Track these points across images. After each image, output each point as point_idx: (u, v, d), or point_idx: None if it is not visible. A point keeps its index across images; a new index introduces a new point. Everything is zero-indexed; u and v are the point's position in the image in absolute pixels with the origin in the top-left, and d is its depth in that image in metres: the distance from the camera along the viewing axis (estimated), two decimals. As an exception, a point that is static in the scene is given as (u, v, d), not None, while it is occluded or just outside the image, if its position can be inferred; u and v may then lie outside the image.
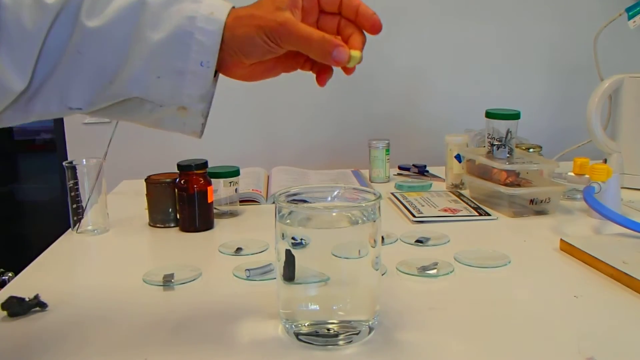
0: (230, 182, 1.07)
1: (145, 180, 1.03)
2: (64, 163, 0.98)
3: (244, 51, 0.55)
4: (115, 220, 1.04)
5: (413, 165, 1.44)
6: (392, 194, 1.20)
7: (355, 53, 0.55)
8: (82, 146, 1.78)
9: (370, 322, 0.60)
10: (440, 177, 1.36)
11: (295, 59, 0.59)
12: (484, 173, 1.12)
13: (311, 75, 0.61)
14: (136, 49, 0.54)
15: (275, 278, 0.61)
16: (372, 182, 1.36)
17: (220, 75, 0.58)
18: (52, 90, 0.55)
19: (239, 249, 0.88)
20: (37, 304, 0.68)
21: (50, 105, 0.56)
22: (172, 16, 0.54)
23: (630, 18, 1.26)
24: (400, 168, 1.45)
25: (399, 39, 1.69)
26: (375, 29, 0.56)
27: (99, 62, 0.54)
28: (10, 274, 0.91)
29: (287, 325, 0.60)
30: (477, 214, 1.05)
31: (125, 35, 0.54)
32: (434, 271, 0.77)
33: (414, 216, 1.03)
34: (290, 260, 0.57)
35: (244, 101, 1.72)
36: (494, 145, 1.11)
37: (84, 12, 0.54)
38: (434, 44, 1.71)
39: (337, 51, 0.53)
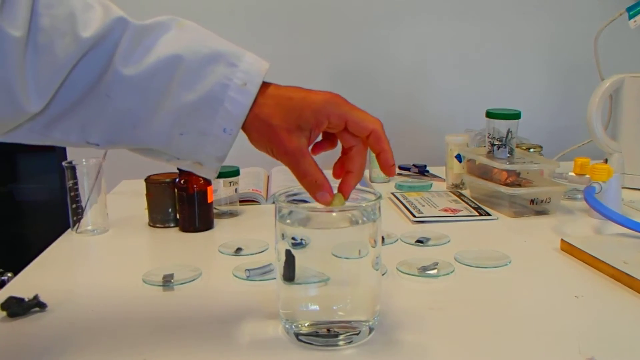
0: (230, 182, 1.07)
1: (145, 180, 1.03)
2: (63, 163, 0.98)
3: (252, 140, 0.58)
4: (115, 220, 1.04)
5: (413, 165, 1.44)
6: (393, 194, 1.19)
7: (339, 199, 0.58)
8: (82, 146, 1.77)
9: (370, 323, 0.60)
10: (440, 177, 1.36)
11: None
12: (484, 173, 1.12)
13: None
14: (165, 104, 0.55)
15: (275, 278, 0.61)
16: (372, 182, 1.36)
17: None
18: (73, 122, 0.56)
19: (239, 249, 0.88)
20: (36, 304, 0.68)
21: (69, 135, 0.56)
22: (206, 78, 0.54)
23: (630, 18, 1.26)
24: (400, 168, 1.45)
25: (399, 39, 1.69)
26: (388, 174, 0.59)
27: (126, 108, 0.55)
28: (9, 274, 0.91)
29: (287, 326, 0.60)
30: (477, 214, 1.05)
31: (158, 88, 0.55)
32: (434, 271, 0.77)
33: (414, 216, 1.03)
34: (290, 260, 0.57)
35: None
36: (495, 145, 1.11)
37: (119, 56, 0.54)
38: (434, 44, 1.71)
39: (321, 195, 0.57)
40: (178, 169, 0.98)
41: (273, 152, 0.57)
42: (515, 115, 1.10)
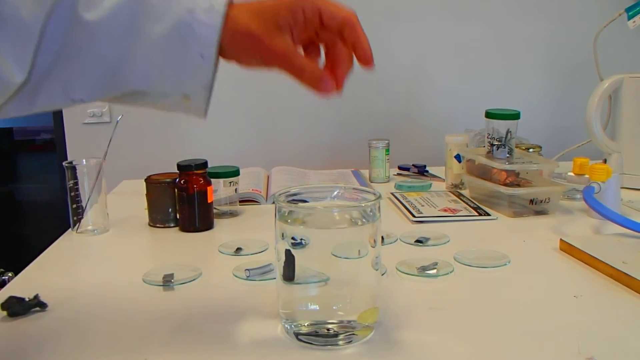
0: (230, 182, 1.07)
1: (145, 180, 1.03)
2: (63, 163, 0.98)
3: (240, 60, 0.57)
4: (115, 220, 1.04)
5: (413, 165, 1.44)
6: (392, 194, 1.20)
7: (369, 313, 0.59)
8: (82, 146, 1.78)
9: (370, 322, 0.60)
10: (440, 177, 1.36)
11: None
12: (483, 173, 1.12)
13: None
14: (137, 43, 0.54)
15: (275, 278, 0.61)
16: (372, 182, 1.36)
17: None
18: (55, 82, 0.55)
19: (239, 249, 0.88)
20: (37, 304, 0.68)
21: (54, 97, 0.55)
22: (172, 8, 0.54)
23: (630, 18, 1.26)
24: (400, 168, 1.45)
25: (399, 39, 1.69)
26: (367, 64, 0.57)
27: (100, 55, 0.54)
28: (10, 274, 0.91)
29: (287, 325, 0.60)
30: (476, 214, 1.05)
31: (125, 28, 0.53)
32: (434, 271, 0.77)
33: (413, 216, 1.03)
34: (290, 260, 0.57)
35: (244, 101, 1.72)
36: (494, 145, 1.11)
37: (81, 4, 0.53)
38: (433, 44, 1.71)
39: (324, 85, 0.56)
40: (178, 168, 0.99)
41: (264, 61, 0.55)
42: (515, 116, 1.10)
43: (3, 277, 0.93)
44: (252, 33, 0.54)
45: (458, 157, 1.22)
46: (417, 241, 0.90)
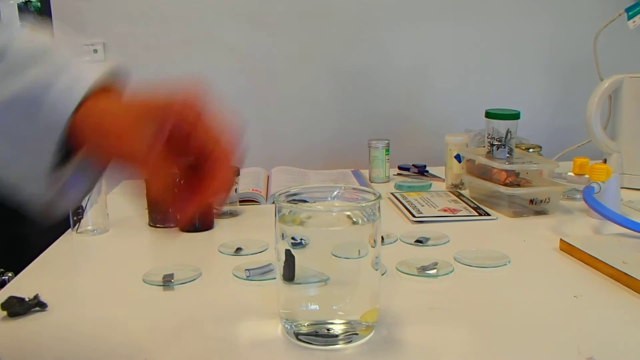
0: (230, 182, 1.07)
1: (145, 180, 1.03)
2: (64, 163, 0.97)
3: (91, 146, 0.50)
4: (115, 220, 1.04)
5: (413, 165, 1.44)
6: (392, 194, 1.20)
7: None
8: (82, 146, 1.77)
9: (369, 322, 0.60)
10: (440, 177, 1.36)
11: None
12: (483, 173, 1.12)
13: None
14: None
15: (275, 278, 0.61)
16: (372, 182, 1.36)
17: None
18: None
19: (239, 249, 0.88)
20: (37, 304, 0.68)
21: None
22: (27, 74, 0.48)
23: (630, 18, 1.26)
24: (400, 168, 1.45)
25: (399, 39, 1.69)
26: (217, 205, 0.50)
27: None
28: (10, 274, 0.91)
29: (287, 325, 0.60)
30: (476, 214, 1.05)
31: None
32: (434, 271, 0.77)
33: (413, 216, 1.03)
34: (290, 260, 0.57)
35: (244, 101, 1.72)
36: (494, 145, 1.11)
37: None
38: (433, 44, 1.71)
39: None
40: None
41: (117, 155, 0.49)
42: (515, 116, 1.10)
43: (3, 277, 0.93)
44: (103, 128, 0.47)
45: (458, 157, 1.22)
46: (417, 241, 0.90)
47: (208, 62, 1.71)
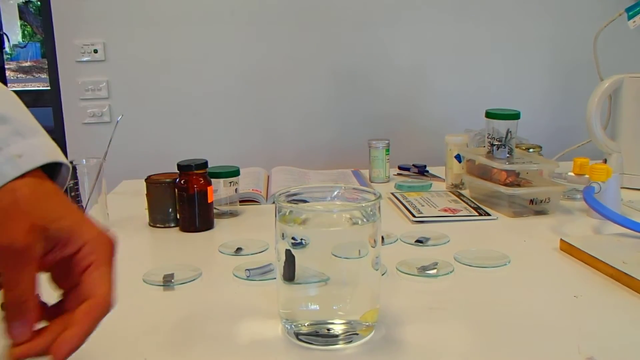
0: (230, 182, 1.07)
1: (145, 180, 1.03)
2: (64, 163, 0.98)
3: None
4: (115, 220, 1.04)
5: (413, 165, 1.44)
6: (392, 194, 1.20)
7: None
8: (82, 146, 1.78)
9: (370, 322, 0.60)
10: (440, 177, 1.36)
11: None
12: (483, 173, 1.12)
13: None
14: None
15: (275, 278, 0.61)
16: (372, 182, 1.36)
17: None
18: None
19: (239, 249, 0.88)
20: (37, 304, 0.68)
21: None
22: None
23: (630, 18, 1.26)
24: (400, 168, 1.45)
25: (399, 40, 1.69)
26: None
27: None
28: (10, 274, 0.91)
29: (287, 325, 0.60)
30: (477, 214, 1.05)
31: None
32: (434, 271, 0.77)
33: (414, 216, 1.03)
34: (290, 260, 0.57)
35: (244, 101, 1.72)
36: (494, 145, 1.11)
37: None
38: (434, 44, 1.71)
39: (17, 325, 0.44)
40: (178, 168, 0.99)
41: None
42: (515, 116, 1.10)
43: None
44: (18, 206, 0.45)
45: (458, 157, 1.22)
46: (417, 241, 0.90)
47: (208, 62, 1.72)
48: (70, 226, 0.46)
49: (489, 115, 1.11)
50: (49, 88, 1.85)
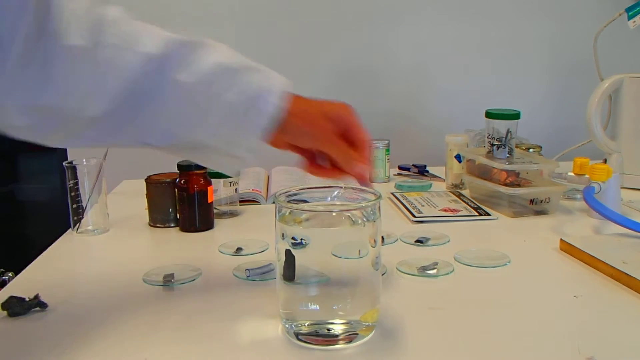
0: (230, 182, 1.07)
1: (145, 180, 1.03)
2: (64, 163, 0.98)
3: (294, 138, 0.68)
4: (115, 220, 1.04)
5: (413, 165, 1.44)
6: (392, 194, 1.20)
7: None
8: (82, 146, 1.77)
9: (370, 322, 0.60)
10: (440, 177, 1.36)
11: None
12: (483, 173, 1.12)
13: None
14: (214, 107, 0.62)
15: (275, 278, 0.61)
16: (372, 182, 1.35)
17: None
18: (134, 127, 0.62)
19: (239, 249, 0.88)
20: (37, 304, 0.68)
21: (130, 139, 0.64)
22: (247, 84, 0.63)
23: (630, 18, 1.26)
24: (400, 168, 1.45)
25: (399, 39, 1.69)
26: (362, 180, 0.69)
27: (181, 112, 0.62)
28: (10, 274, 0.91)
29: (287, 325, 0.60)
30: (477, 214, 1.05)
31: (208, 93, 0.62)
32: (434, 271, 0.77)
33: (414, 216, 1.03)
34: (290, 260, 0.57)
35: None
36: (494, 145, 1.11)
37: (174, 67, 0.61)
38: (433, 44, 1.71)
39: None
40: (178, 168, 0.99)
41: (314, 140, 0.67)
42: (515, 116, 1.10)
43: (3, 277, 0.93)
44: (308, 116, 0.66)
45: (458, 157, 1.22)
46: (417, 241, 0.90)
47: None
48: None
49: (489, 115, 1.11)
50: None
